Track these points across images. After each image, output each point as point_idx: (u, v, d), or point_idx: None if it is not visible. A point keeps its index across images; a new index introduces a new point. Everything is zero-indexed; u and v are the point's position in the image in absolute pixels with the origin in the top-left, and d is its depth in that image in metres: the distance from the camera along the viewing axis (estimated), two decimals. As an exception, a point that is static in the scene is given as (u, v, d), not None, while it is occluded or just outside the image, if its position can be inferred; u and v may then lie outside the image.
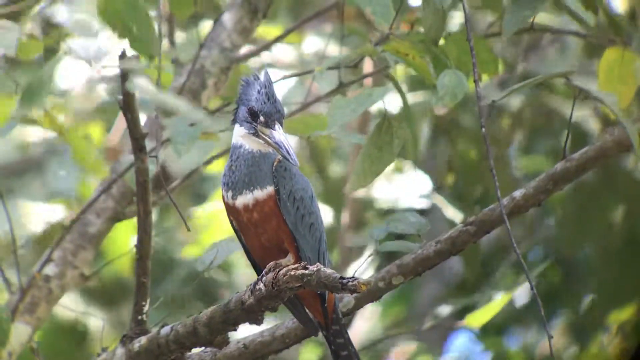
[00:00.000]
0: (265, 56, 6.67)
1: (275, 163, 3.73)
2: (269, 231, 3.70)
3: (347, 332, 3.80)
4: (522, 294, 6.43)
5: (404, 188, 6.71)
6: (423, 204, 6.63)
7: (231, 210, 3.73)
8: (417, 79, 5.81)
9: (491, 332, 6.51)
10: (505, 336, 6.54)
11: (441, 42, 4.46)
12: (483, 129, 3.72)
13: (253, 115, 3.74)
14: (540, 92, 6.31)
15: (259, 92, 3.75)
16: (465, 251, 6.08)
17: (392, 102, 5.51)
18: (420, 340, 6.82)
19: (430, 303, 6.77)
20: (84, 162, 3.75)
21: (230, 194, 3.72)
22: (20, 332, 5.14)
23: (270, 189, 3.69)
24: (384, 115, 4.40)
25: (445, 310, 6.50)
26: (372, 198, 6.81)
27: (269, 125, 3.73)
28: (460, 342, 6.76)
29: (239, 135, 3.77)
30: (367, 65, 6.00)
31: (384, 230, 4.10)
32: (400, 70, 4.71)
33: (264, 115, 3.74)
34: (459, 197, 6.54)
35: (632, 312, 6.14)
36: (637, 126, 3.86)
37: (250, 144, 3.75)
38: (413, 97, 6.07)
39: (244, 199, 3.70)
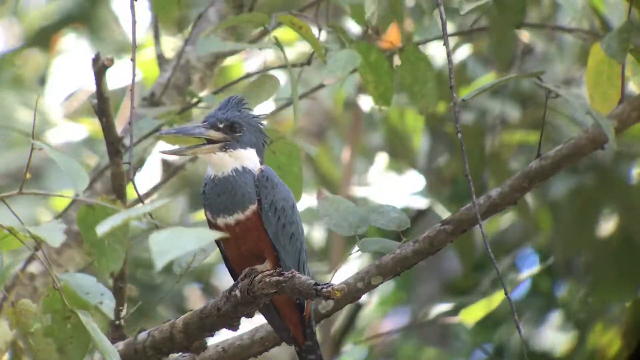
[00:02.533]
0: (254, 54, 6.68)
1: (257, 173, 3.68)
2: (249, 242, 3.67)
3: (319, 349, 3.79)
4: (519, 287, 6.47)
5: (399, 187, 6.70)
6: (418, 203, 6.62)
7: (212, 225, 3.71)
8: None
9: (487, 326, 6.52)
10: (500, 329, 6.56)
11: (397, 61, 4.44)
12: (459, 135, 3.71)
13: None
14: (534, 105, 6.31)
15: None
16: (460, 246, 6.16)
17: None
18: (419, 336, 6.83)
19: (427, 300, 6.78)
20: None
21: (209, 214, 3.69)
22: (5, 331, 5.13)
23: (252, 207, 3.66)
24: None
25: (442, 307, 6.51)
26: (365, 197, 6.80)
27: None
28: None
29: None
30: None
31: (363, 221, 4.05)
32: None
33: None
34: (457, 196, 6.54)
35: (631, 309, 6.15)
36: (611, 121, 3.85)
37: (211, 170, 3.71)
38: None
39: (225, 220, 3.67)
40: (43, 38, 7.50)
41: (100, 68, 3.86)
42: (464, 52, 6.20)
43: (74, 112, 7.48)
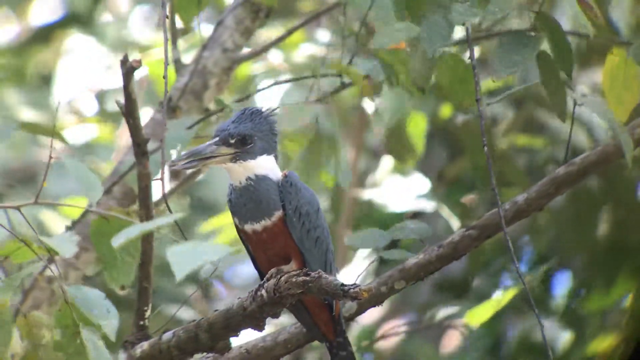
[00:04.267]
0: (259, 64, 6.70)
1: (281, 179, 3.71)
2: (276, 247, 3.70)
3: (350, 345, 3.81)
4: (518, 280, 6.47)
5: (403, 190, 6.71)
6: (422, 206, 6.63)
7: (240, 231, 3.75)
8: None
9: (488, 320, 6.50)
10: (501, 323, 6.54)
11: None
12: (484, 139, 3.72)
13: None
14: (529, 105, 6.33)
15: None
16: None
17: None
18: (419, 336, 6.82)
19: (425, 297, 6.78)
20: None
21: (237, 220, 3.73)
22: (16, 341, 5.13)
23: (278, 213, 3.69)
24: (316, 133, 4.47)
25: (446, 310, 6.51)
26: (370, 200, 6.80)
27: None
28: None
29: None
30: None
31: (387, 238, 4.09)
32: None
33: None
34: (460, 196, 6.55)
35: (631, 307, 6.15)
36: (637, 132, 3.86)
37: (231, 179, 3.74)
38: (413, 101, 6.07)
39: (252, 227, 3.70)
40: (44, 36, 7.52)
41: (128, 69, 3.87)
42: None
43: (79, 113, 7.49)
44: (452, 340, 6.75)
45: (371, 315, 6.82)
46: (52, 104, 7.42)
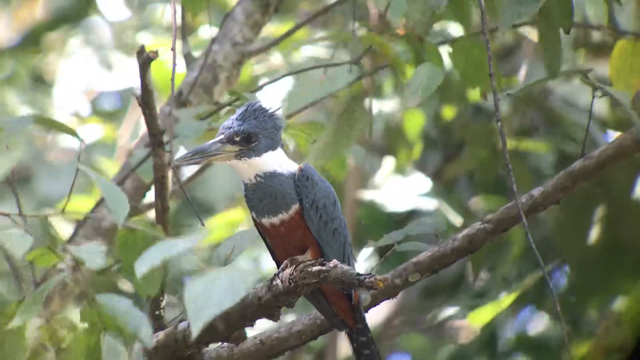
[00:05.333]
0: (261, 65, 6.70)
1: (297, 173, 3.72)
2: (294, 239, 3.71)
3: (369, 331, 3.81)
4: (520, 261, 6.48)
5: (404, 189, 6.71)
6: (424, 204, 6.63)
7: (257, 224, 3.76)
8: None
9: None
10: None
11: (449, 50, 4.47)
12: (499, 123, 3.71)
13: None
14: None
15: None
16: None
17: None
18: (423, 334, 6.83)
19: (423, 295, 6.79)
20: None
21: (254, 214, 3.74)
22: (33, 326, 5.13)
23: (295, 207, 3.70)
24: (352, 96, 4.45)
25: (450, 310, 6.52)
26: (373, 200, 6.80)
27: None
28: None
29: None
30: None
31: (402, 233, 4.09)
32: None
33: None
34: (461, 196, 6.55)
35: (629, 304, 6.14)
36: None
37: (240, 177, 3.75)
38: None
39: (270, 220, 3.72)
40: (37, 37, 7.53)
41: (144, 60, 3.88)
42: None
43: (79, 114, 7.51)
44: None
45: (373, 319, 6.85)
46: (49, 105, 7.43)
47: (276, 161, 3.73)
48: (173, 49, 4.19)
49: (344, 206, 6.73)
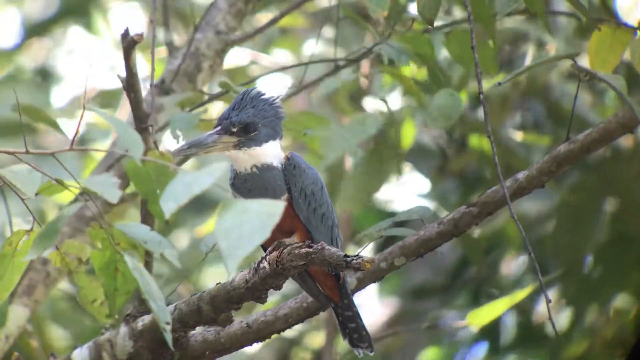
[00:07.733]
0: (264, 62, 6.69)
1: (284, 162, 3.70)
2: (283, 227, 3.67)
3: (355, 305, 3.83)
4: (519, 261, 6.50)
5: (402, 189, 6.71)
6: (424, 204, 6.62)
7: None
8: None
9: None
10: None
11: (443, 39, 4.48)
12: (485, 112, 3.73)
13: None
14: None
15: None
16: (467, 243, 6.16)
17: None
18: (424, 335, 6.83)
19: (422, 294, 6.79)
20: (90, 306, 3.71)
21: None
22: (17, 315, 5.13)
23: (284, 197, 3.68)
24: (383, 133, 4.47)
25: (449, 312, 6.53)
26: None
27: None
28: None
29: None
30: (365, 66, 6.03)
31: (390, 221, 4.09)
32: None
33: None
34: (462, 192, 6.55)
35: (630, 300, 6.16)
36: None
37: (235, 165, 3.71)
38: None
39: None
40: (41, 31, 7.51)
41: (129, 43, 3.87)
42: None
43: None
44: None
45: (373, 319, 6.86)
46: (51, 100, 7.41)
47: (274, 152, 3.71)
48: (152, 20, 4.17)
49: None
